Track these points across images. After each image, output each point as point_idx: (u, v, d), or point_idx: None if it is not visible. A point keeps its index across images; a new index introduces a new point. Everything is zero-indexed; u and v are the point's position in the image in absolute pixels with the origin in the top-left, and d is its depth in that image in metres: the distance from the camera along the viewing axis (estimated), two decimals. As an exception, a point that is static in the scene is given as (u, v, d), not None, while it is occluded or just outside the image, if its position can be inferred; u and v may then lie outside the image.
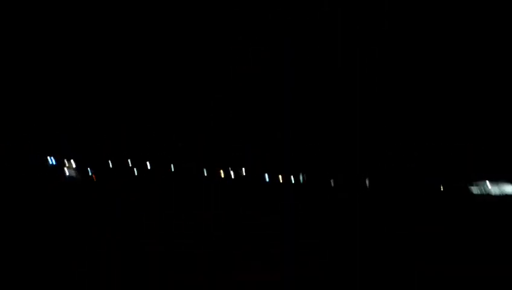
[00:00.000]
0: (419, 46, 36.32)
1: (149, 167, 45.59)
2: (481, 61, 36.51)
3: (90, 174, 44.11)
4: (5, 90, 35.93)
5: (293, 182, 46.57)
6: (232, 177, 52.05)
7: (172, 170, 44.55)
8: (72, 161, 45.09)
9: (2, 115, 36.32)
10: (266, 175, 50.45)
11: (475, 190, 45.34)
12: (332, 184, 44.79)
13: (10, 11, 34.16)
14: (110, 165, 44.43)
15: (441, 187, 46.32)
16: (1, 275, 10.19)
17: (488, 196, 40.38)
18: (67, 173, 40.39)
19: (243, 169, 53.18)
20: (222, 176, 49.62)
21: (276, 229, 17.15)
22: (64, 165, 43.22)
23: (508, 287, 10.88)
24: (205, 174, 46.66)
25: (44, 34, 35.19)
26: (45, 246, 12.72)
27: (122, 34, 36.91)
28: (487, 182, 46.47)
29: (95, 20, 36.05)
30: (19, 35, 34.62)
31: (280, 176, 49.68)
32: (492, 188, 45.48)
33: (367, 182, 41.88)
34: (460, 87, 37.64)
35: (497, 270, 12.08)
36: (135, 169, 45.87)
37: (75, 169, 44.66)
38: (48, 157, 41.75)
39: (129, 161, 45.68)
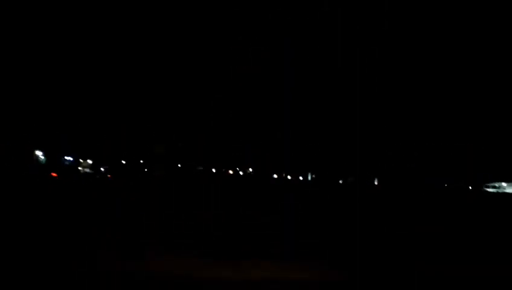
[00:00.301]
0: (419, 46, 36.30)
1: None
2: (481, 61, 36.44)
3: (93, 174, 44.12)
4: (6, 91, 35.94)
5: (292, 182, 46.51)
6: (233, 177, 51.95)
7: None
8: (72, 161, 45.12)
9: (3, 115, 36.33)
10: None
11: (474, 190, 45.32)
12: (333, 184, 44.73)
13: (11, 11, 34.17)
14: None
15: (441, 187, 46.30)
16: (1, 274, 10.20)
17: (487, 196, 40.37)
18: (67, 173, 40.39)
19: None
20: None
21: (276, 229, 17.15)
22: (66, 166, 43.25)
23: (508, 287, 10.89)
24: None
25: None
26: (45, 246, 12.73)
27: (123, 34, 36.89)
28: (485, 182, 46.47)
29: (96, 21, 36.05)
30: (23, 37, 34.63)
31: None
32: (491, 189, 45.53)
33: (367, 182, 41.83)
34: (460, 87, 37.58)
35: (497, 270, 12.09)
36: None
37: (76, 169, 44.70)
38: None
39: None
